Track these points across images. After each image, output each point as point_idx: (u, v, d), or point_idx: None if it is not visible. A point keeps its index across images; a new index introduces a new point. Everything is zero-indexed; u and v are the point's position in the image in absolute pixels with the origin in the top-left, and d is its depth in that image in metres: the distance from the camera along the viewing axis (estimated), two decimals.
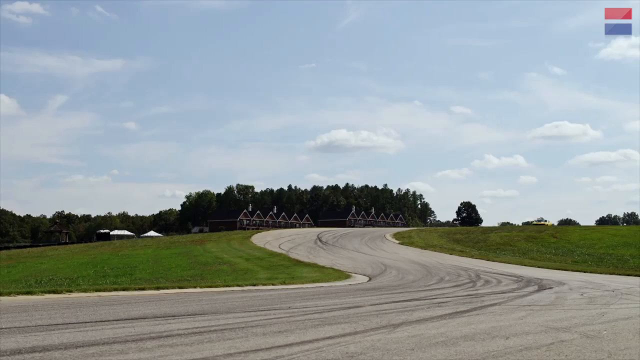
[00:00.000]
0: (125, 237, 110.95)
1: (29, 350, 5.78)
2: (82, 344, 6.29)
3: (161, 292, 16.76)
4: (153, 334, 7.11)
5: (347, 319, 8.93)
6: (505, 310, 10.73)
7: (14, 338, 6.62)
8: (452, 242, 52.13)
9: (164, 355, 5.68)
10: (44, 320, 8.66)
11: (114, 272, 30.08)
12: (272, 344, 6.45)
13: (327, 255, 38.04)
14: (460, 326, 8.28)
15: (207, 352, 5.87)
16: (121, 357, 5.59)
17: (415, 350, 6.19)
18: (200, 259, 36.30)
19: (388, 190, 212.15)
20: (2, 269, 36.89)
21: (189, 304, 12.18)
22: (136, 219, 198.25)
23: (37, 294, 14.61)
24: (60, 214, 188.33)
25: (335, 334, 7.19)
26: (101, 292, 15.64)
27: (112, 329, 7.53)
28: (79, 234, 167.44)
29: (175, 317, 9.32)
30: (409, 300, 13.21)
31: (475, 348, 6.47)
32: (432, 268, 28.70)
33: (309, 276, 24.10)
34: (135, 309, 10.73)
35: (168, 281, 22.67)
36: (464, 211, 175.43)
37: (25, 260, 43.62)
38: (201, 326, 7.96)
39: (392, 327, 7.96)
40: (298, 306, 11.35)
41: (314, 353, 5.88)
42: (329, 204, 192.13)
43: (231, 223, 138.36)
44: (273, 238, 54.36)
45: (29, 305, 11.66)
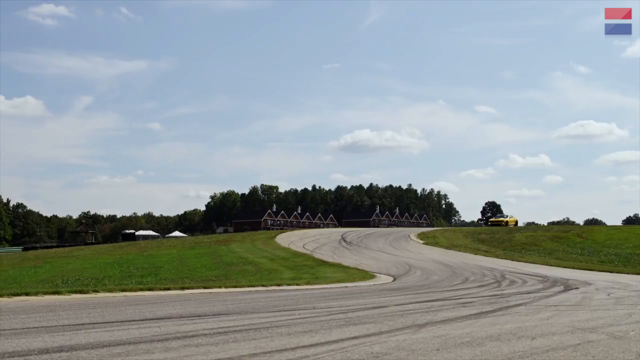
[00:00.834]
0: (150, 237, 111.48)
1: (56, 350, 5.83)
2: (108, 344, 6.33)
3: (186, 292, 16.82)
4: (179, 334, 7.14)
5: (372, 319, 8.92)
6: (531, 311, 10.66)
7: (42, 337, 6.67)
8: (477, 242, 51.83)
9: (189, 355, 5.70)
10: (70, 320, 8.73)
11: (139, 272, 30.23)
12: (297, 344, 6.46)
13: (352, 255, 38.00)
14: (486, 326, 8.24)
15: (233, 352, 5.88)
16: (147, 357, 5.61)
17: (440, 350, 6.17)
18: (224, 259, 36.39)
19: (412, 190, 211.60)
20: (29, 269, 37.20)
21: (214, 304, 12.21)
22: (161, 219, 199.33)
23: (64, 294, 14.72)
24: (86, 214, 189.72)
25: (360, 334, 7.18)
26: (127, 292, 15.74)
27: (138, 329, 7.57)
28: (104, 234, 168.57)
29: (200, 317, 9.36)
30: (433, 300, 13.17)
31: (501, 348, 6.44)
32: (457, 268, 28.58)
33: (333, 276, 24.09)
34: (160, 309, 10.78)
35: (193, 281, 22.74)
36: (489, 211, 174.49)
37: (52, 260, 43.96)
38: (226, 326, 7.98)
39: (417, 327, 7.94)
40: (323, 306, 11.35)
41: (339, 353, 5.88)
42: (353, 204, 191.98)
43: (255, 223, 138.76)
44: (297, 238, 54.36)
45: (56, 305, 11.75)
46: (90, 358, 5.49)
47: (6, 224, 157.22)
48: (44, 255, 51.94)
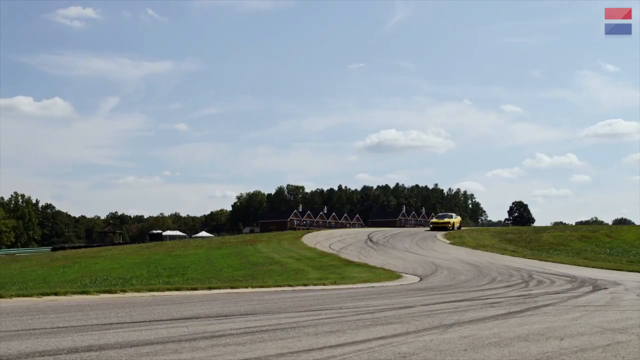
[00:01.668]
0: (177, 237, 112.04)
1: (85, 349, 5.88)
2: (136, 343, 6.37)
3: (213, 292, 16.88)
4: (206, 334, 7.17)
5: (399, 319, 8.90)
6: (559, 311, 10.58)
7: (71, 337, 6.73)
8: (504, 242, 51.53)
9: (217, 354, 5.72)
10: (99, 320, 8.79)
11: (166, 272, 30.38)
12: (324, 344, 6.46)
13: (378, 255, 37.93)
14: (514, 327, 8.19)
15: (260, 352, 5.89)
16: (175, 357, 5.64)
17: (468, 350, 6.14)
18: (251, 259, 36.48)
19: (438, 190, 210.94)
20: (58, 269, 37.53)
21: (240, 304, 12.25)
22: (188, 220, 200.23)
23: (92, 294, 14.84)
24: (114, 214, 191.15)
25: (387, 334, 7.17)
26: (154, 292, 15.83)
27: (166, 329, 7.61)
28: (132, 234, 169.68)
29: (227, 316, 9.39)
30: (460, 300, 13.11)
31: (529, 349, 6.40)
32: (484, 268, 28.44)
33: (359, 276, 24.07)
34: (188, 309, 10.83)
35: (220, 281, 22.81)
36: (516, 211, 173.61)
37: (80, 260, 44.31)
38: (253, 326, 8.00)
39: (444, 327, 7.91)
40: (349, 306, 11.35)
41: (366, 353, 5.88)
42: (379, 204, 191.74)
43: (282, 223, 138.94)
44: (323, 238, 54.34)
45: (85, 304, 11.84)
46: (119, 357, 5.53)
47: (35, 225, 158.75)
48: (72, 255, 52.36)
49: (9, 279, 29.14)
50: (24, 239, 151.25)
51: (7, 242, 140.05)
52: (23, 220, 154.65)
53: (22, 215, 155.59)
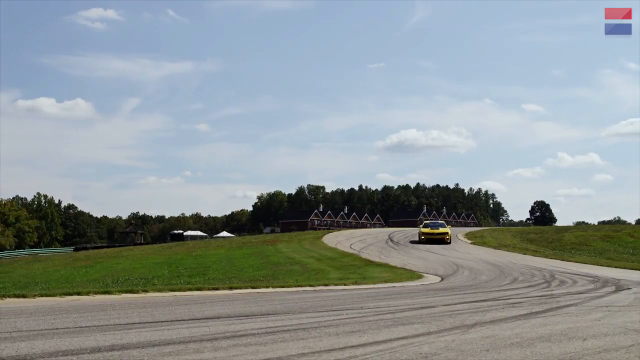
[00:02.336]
0: (198, 237, 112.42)
1: (107, 349, 5.91)
2: (158, 343, 6.40)
3: (234, 292, 16.93)
4: (227, 334, 7.19)
5: (420, 319, 8.88)
6: (582, 311, 10.52)
7: (94, 337, 6.77)
8: (526, 242, 51.28)
9: (238, 354, 5.74)
10: (121, 319, 8.84)
11: (187, 272, 30.49)
12: (345, 344, 6.46)
13: (399, 255, 37.87)
14: (536, 327, 8.15)
15: (281, 352, 5.90)
16: (197, 356, 5.66)
17: (490, 351, 6.12)
18: (272, 259, 36.52)
19: (459, 189, 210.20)
20: (80, 269, 37.77)
21: (261, 304, 12.27)
22: (209, 220, 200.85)
23: (114, 294, 14.92)
24: (135, 215, 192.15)
25: (408, 334, 7.16)
26: (176, 292, 15.89)
27: (188, 328, 7.64)
28: (153, 234, 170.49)
29: (248, 316, 9.41)
30: (482, 300, 13.07)
31: (552, 349, 6.36)
32: (505, 268, 28.31)
33: (380, 276, 24.04)
34: (209, 309, 10.87)
35: (241, 281, 22.87)
36: (538, 210, 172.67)
37: (102, 260, 44.56)
38: (274, 326, 8.02)
39: (465, 327, 7.89)
40: (370, 306, 11.34)
41: (387, 353, 5.87)
42: (400, 203, 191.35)
43: (302, 223, 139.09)
44: (344, 238, 54.31)
45: (107, 304, 11.91)
46: (141, 357, 5.55)
47: (58, 225, 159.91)
48: (94, 255, 52.68)
49: (32, 279, 29.36)
50: (47, 239, 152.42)
51: (30, 242, 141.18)
52: (46, 220, 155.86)
53: (45, 215, 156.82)
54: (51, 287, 20.70)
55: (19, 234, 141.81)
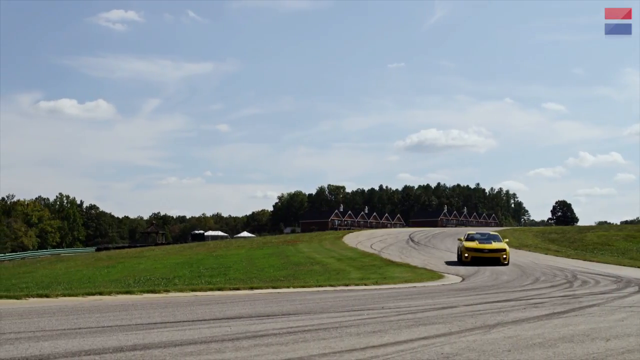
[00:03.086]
0: (219, 237, 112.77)
1: (130, 348, 5.94)
2: (180, 343, 6.43)
3: (255, 292, 16.95)
4: (249, 333, 7.20)
5: (441, 319, 8.86)
6: (605, 312, 10.44)
7: (116, 336, 6.81)
8: (547, 242, 51.03)
9: (260, 354, 5.75)
10: (143, 319, 8.88)
11: (208, 272, 30.59)
12: (366, 344, 6.45)
13: (419, 255, 37.80)
14: (558, 327, 8.10)
15: (302, 352, 5.91)
16: (218, 356, 5.68)
17: (512, 351, 6.09)
18: (292, 259, 36.57)
19: (480, 189, 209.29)
20: (102, 269, 38.00)
21: (282, 304, 12.28)
22: (229, 220, 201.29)
23: (136, 294, 14.99)
24: (156, 215, 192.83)
25: (429, 335, 7.14)
26: (197, 292, 15.94)
27: (209, 328, 7.66)
28: (174, 234, 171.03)
29: (269, 316, 9.43)
30: (504, 300, 13.01)
31: (575, 350, 6.32)
32: (527, 268, 28.17)
33: (401, 276, 24.00)
34: (230, 309, 10.90)
35: (261, 281, 22.92)
36: (559, 210, 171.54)
37: (124, 260, 44.81)
38: (295, 326, 8.02)
39: (487, 328, 7.86)
40: (391, 306, 11.32)
41: (408, 353, 5.86)
42: (420, 203, 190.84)
43: (323, 223, 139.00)
44: (365, 238, 54.29)
45: (129, 304, 11.97)
46: (163, 357, 5.58)
47: (80, 225, 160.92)
48: (116, 255, 53.00)
49: (55, 279, 29.58)
50: (69, 239, 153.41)
51: (52, 243, 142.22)
52: (68, 221, 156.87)
53: (67, 216, 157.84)
54: (74, 287, 20.84)
55: (41, 234, 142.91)
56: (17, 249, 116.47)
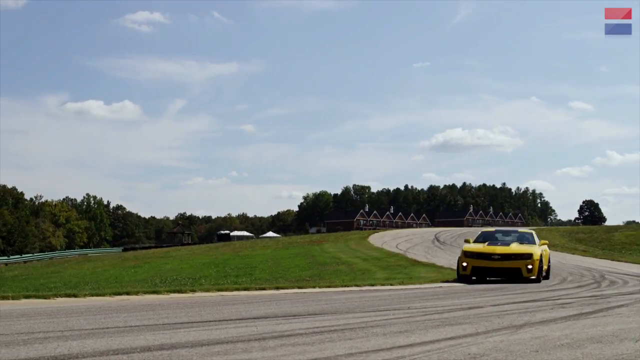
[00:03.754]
0: (244, 237, 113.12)
1: (157, 348, 5.97)
2: (207, 342, 6.45)
3: (281, 292, 16.98)
4: (275, 333, 7.22)
5: (468, 319, 8.82)
6: (634, 312, 10.34)
7: (143, 336, 6.85)
8: (574, 242, 50.69)
9: (286, 354, 5.75)
10: (170, 319, 8.93)
11: (234, 272, 30.69)
12: (392, 344, 6.44)
13: (445, 255, 37.68)
14: (586, 328, 8.04)
15: (329, 352, 5.91)
16: (245, 356, 5.69)
17: (539, 352, 6.05)
18: (318, 259, 36.59)
19: (506, 189, 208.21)
20: (129, 268, 38.25)
21: (308, 304, 12.30)
22: (255, 220, 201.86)
23: (162, 293, 15.07)
24: (183, 215, 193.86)
25: (456, 335, 7.11)
26: (223, 292, 15.99)
27: (236, 328, 7.69)
28: (200, 234, 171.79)
29: (295, 316, 9.44)
30: (530, 301, 12.93)
31: (603, 351, 6.27)
32: (554, 268, 27.97)
33: (427, 276, 23.93)
34: (256, 309, 10.92)
35: (287, 281, 22.95)
36: (586, 210, 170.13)
37: (151, 260, 45.07)
38: (321, 326, 8.03)
39: (514, 328, 7.81)
40: (417, 306, 11.30)
41: (435, 354, 5.84)
42: (446, 203, 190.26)
43: (348, 223, 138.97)
44: (390, 238, 54.21)
45: (156, 304, 12.04)
46: (190, 356, 5.60)
47: (107, 225, 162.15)
48: (142, 255, 53.36)
49: (82, 279, 29.83)
50: (96, 239, 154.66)
51: (80, 243, 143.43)
52: (95, 221, 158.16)
53: (94, 216, 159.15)
54: (101, 286, 21.00)
55: (69, 235, 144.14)
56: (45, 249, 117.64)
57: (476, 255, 20.89)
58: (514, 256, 20.52)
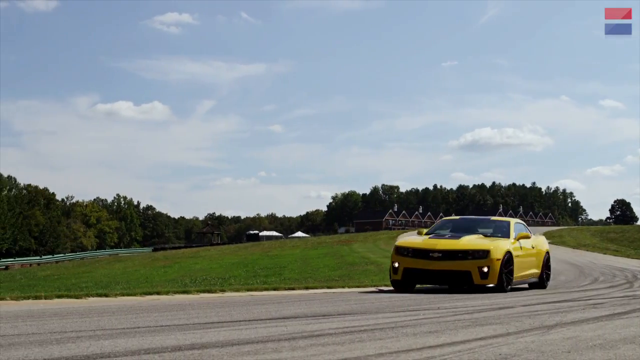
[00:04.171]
0: (273, 237, 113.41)
1: (188, 347, 6.00)
2: (237, 342, 6.47)
3: (310, 291, 16.99)
4: (305, 333, 7.22)
5: (498, 319, 8.76)
6: None
7: (174, 335, 6.88)
8: (606, 242, 50.15)
9: (316, 354, 5.75)
10: (200, 319, 8.97)
11: (263, 272, 30.76)
12: (422, 344, 6.42)
13: None
14: (619, 328, 7.95)
15: (359, 352, 5.90)
16: (275, 356, 5.70)
17: (571, 352, 6.00)
18: (347, 259, 36.55)
19: (536, 188, 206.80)
20: (159, 268, 38.49)
21: (338, 304, 12.29)
22: (284, 220, 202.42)
23: (192, 293, 15.14)
24: (212, 215, 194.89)
25: (486, 335, 7.07)
26: (253, 292, 16.04)
27: (266, 328, 7.70)
28: (229, 234, 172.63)
29: (325, 316, 9.44)
30: (561, 301, 12.81)
31: (636, 351, 6.20)
32: (585, 268, 27.73)
33: None
34: (286, 308, 10.94)
35: (316, 281, 22.96)
36: (618, 209, 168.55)
37: (180, 260, 45.30)
38: (351, 326, 8.02)
39: (545, 328, 7.75)
40: (447, 306, 11.24)
41: (466, 354, 5.81)
42: (475, 203, 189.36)
43: (377, 223, 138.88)
44: None
45: (186, 304, 12.10)
46: (221, 356, 5.62)
47: (137, 226, 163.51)
48: (172, 255, 53.65)
49: (113, 279, 30.07)
50: (127, 239, 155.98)
51: (110, 243, 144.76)
52: (125, 221, 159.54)
53: (124, 216, 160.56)
54: (132, 286, 21.16)
55: (99, 235, 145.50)
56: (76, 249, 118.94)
57: (411, 252, 15.23)
58: (461, 254, 14.77)
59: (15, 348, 5.89)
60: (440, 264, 14.75)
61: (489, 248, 14.80)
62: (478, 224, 17.89)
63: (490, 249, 14.77)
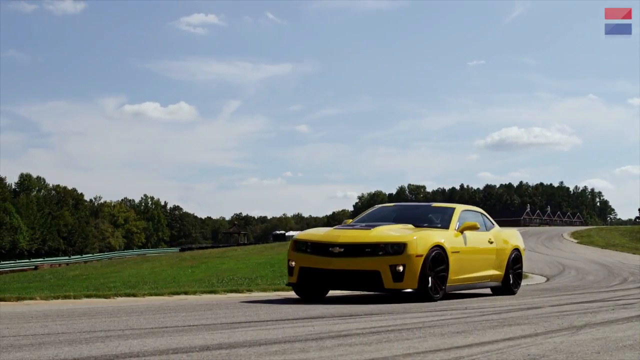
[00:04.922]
0: None
1: (215, 347, 6.02)
2: (264, 342, 6.48)
3: (336, 292, 16.96)
4: (332, 333, 7.22)
5: (527, 320, 8.71)
6: None
7: (202, 335, 6.91)
8: (635, 241, 49.68)
9: (344, 354, 5.75)
10: (227, 319, 8.99)
11: None
12: (450, 344, 6.39)
13: None
14: None
15: (386, 352, 5.88)
16: (302, 356, 5.70)
17: (600, 353, 5.94)
18: None
19: (564, 187, 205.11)
20: (186, 268, 38.63)
21: (365, 304, 12.27)
22: (310, 220, 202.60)
23: (219, 293, 15.20)
24: (238, 215, 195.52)
25: (515, 336, 7.03)
26: (280, 292, 16.06)
27: (293, 328, 7.71)
28: (256, 235, 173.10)
29: (352, 316, 9.43)
30: (590, 301, 12.71)
31: None
32: (614, 268, 27.48)
33: None
34: (313, 309, 10.93)
35: None
36: None
37: (207, 260, 45.43)
38: (378, 326, 8.01)
39: (574, 329, 7.69)
40: (475, 307, 11.19)
41: (494, 354, 5.78)
42: (502, 202, 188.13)
43: None
44: None
45: (213, 303, 12.14)
46: (249, 356, 5.63)
47: (164, 226, 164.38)
48: (199, 255, 53.81)
49: (141, 279, 30.22)
50: (154, 239, 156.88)
51: (138, 243, 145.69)
52: (153, 221, 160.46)
53: (151, 217, 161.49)
54: (159, 286, 21.26)
55: (127, 235, 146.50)
56: (104, 249, 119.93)
57: (310, 247, 12.00)
58: (369, 249, 11.41)
59: (45, 347, 5.95)
60: (342, 262, 11.43)
61: (405, 241, 11.27)
62: (417, 212, 14.32)
63: (406, 241, 11.24)
